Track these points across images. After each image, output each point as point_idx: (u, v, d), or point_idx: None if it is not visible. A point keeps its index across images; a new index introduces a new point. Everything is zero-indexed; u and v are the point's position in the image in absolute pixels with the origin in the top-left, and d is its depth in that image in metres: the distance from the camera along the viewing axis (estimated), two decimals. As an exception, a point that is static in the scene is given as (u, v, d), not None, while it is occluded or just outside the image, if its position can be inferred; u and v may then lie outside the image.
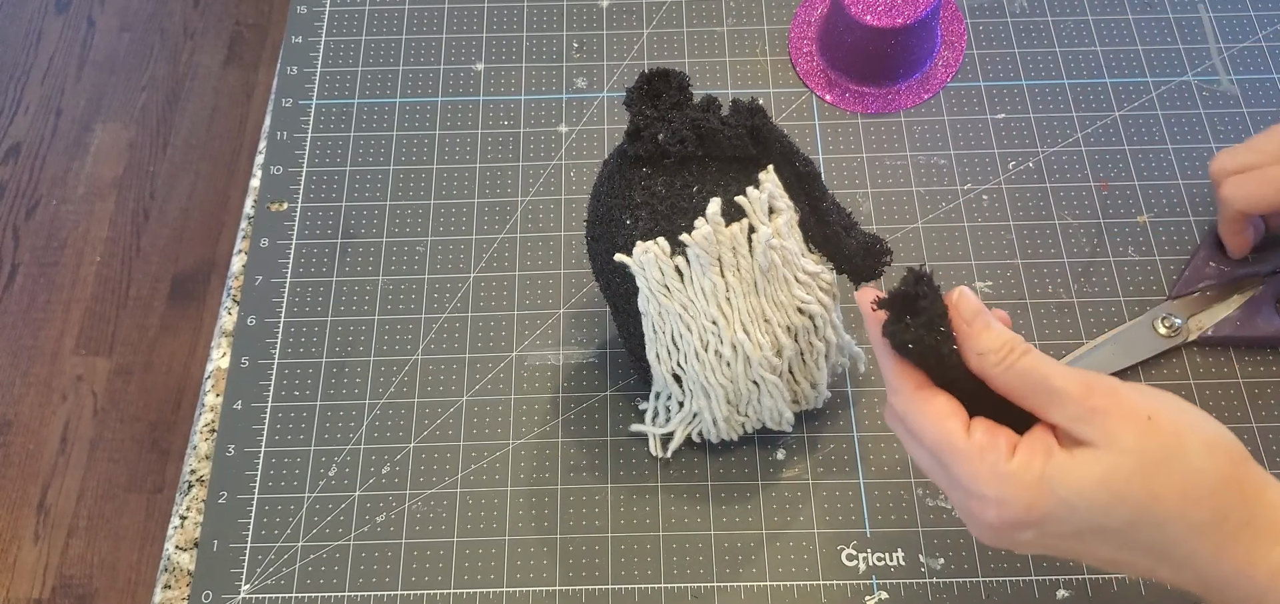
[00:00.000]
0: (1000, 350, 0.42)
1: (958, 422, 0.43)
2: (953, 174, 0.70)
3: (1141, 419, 0.40)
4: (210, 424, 0.63)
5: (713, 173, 0.53)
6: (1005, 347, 0.42)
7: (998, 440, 0.42)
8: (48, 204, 1.70)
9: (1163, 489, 0.40)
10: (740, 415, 0.57)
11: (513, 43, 0.77)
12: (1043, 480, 0.41)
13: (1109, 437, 0.40)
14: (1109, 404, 0.41)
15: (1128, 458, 0.40)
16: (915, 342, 0.43)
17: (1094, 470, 0.40)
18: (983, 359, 0.43)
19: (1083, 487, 0.40)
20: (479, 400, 0.63)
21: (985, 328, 0.43)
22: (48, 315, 1.60)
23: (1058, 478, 0.41)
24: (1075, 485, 0.40)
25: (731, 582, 0.57)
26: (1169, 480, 0.40)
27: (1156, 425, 0.41)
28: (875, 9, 0.70)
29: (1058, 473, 0.41)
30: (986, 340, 0.43)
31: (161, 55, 1.85)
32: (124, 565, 1.43)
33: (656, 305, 0.53)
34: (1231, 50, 0.74)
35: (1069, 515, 0.41)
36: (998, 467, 0.41)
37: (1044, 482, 0.41)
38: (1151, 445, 0.40)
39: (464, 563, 0.58)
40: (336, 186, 0.71)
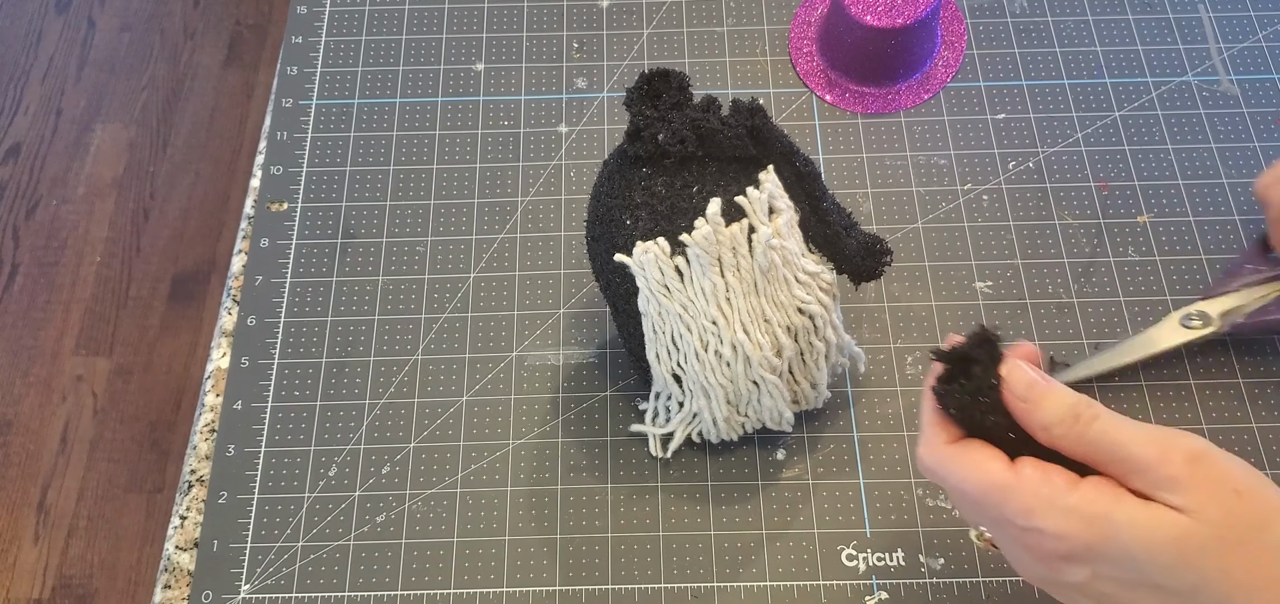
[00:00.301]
0: (1066, 420, 0.41)
1: (1000, 463, 0.42)
2: (953, 174, 0.70)
3: (1228, 492, 0.39)
4: (210, 424, 0.63)
5: (713, 173, 0.53)
6: (1070, 415, 0.41)
7: (1052, 476, 0.41)
8: (48, 204, 1.70)
9: (1236, 566, 0.38)
10: (740, 415, 0.57)
11: (513, 43, 0.77)
12: (1107, 521, 0.39)
13: (1191, 503, 0.38)
14: (1191, 473, 0.39)
15: (1206, 529, 0.38)
16: (958, 407, 0.43)
17: (1168, 530, 0.38)
18: (1049, 431, 0.41)
19: (1151, 542, 0.39)
20: (479, 400, 0.63)
21: (1044, 397, 0.41)
22: (48, 315, 1.60)
23: (1124, 524, 0.39)
24: (1143, 538, 0.39)
25: (731, 582, 0.57)
26: (1244, 559, 0.38)
27: (1243, 501, 0.39)
28: (875, 9, 0.70)
29: (1125, 519, 0.39)
30: (1049, 411, 0.41)
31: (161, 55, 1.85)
32: (124, 565, 1.43)
33: (656, 305, 0.53)
34: (1231, 50, 0.74)
35: (1128, 565, 0.39)
36: (1056, 500, 0.40)
37: (1109, 523, 0.39)
38: (1235, 521, 0.38)
39: (464, 563, 0.58)
40: (336, 186, 0.71)
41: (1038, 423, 0.41)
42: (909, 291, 0.66)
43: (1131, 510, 0.39)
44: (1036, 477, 0.41)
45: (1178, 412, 0.61)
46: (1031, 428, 0.42)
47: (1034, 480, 0.41)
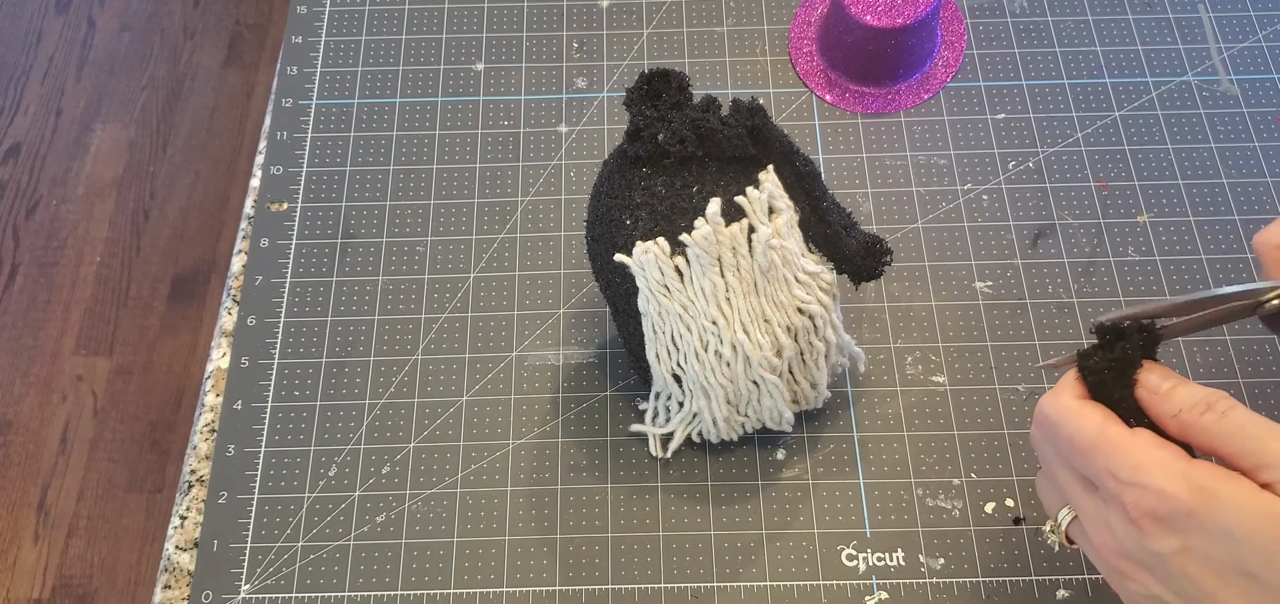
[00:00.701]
0: (1199, 405, 0.41)
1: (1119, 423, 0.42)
2: (953, 174, 0.70)
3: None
4: (210, 424, 0.63)
5: (713, 173, 0.53)
6: (1203, 403, 0.40)
7: (1168, 444, 0.40)
8: (48, 204, 1.70)
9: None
10: (740, 415, 0.57)
11: (513, 43, 0.77)
12: (1216, 493, 0.38)
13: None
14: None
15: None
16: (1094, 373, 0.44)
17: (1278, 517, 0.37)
18: (1180, 418, 0.41)
19: (1257, 525, 0.37)
20: (479, 400, 0.63)
21: (1177, 388, 0.41)
22: (48, 315, 1.60)
23: (1231, 501, 0.38)
24: (1249, 519, 0.37)
25: (731, 582, 0.57)
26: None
27: None
28: (875, 9, 0.70)
29: (1233, 497, 0.38)
30: (1182, 399, 0.41)
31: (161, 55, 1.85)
32: (124, 565, 1.43)
33: (656, 305, 0.53)
34: (1231, 50, 0.74)
35: (1225, 543, 0.38)
36: (1168, 463, 0.39)
37: (1216, 496, 0.38)
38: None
39: (464, 563, 0.58)
40: (336, 186, 0.71)
41: (1168, 411, 0.41)
42: (909, 291, 0.66)
43: (1245, 490, 0.38)
44: (1152, 440, 0.41)
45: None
46: (1161, 417, 0.42)
47: (1149, 441, 0.40)
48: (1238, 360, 0.63)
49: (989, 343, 0.64)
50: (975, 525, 0.58)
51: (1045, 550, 0.57)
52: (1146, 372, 0.43)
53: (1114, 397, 0.43)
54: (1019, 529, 0.58)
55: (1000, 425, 0.61)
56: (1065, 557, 0.57)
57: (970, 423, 0.61)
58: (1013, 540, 0.58)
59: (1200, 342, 0.63)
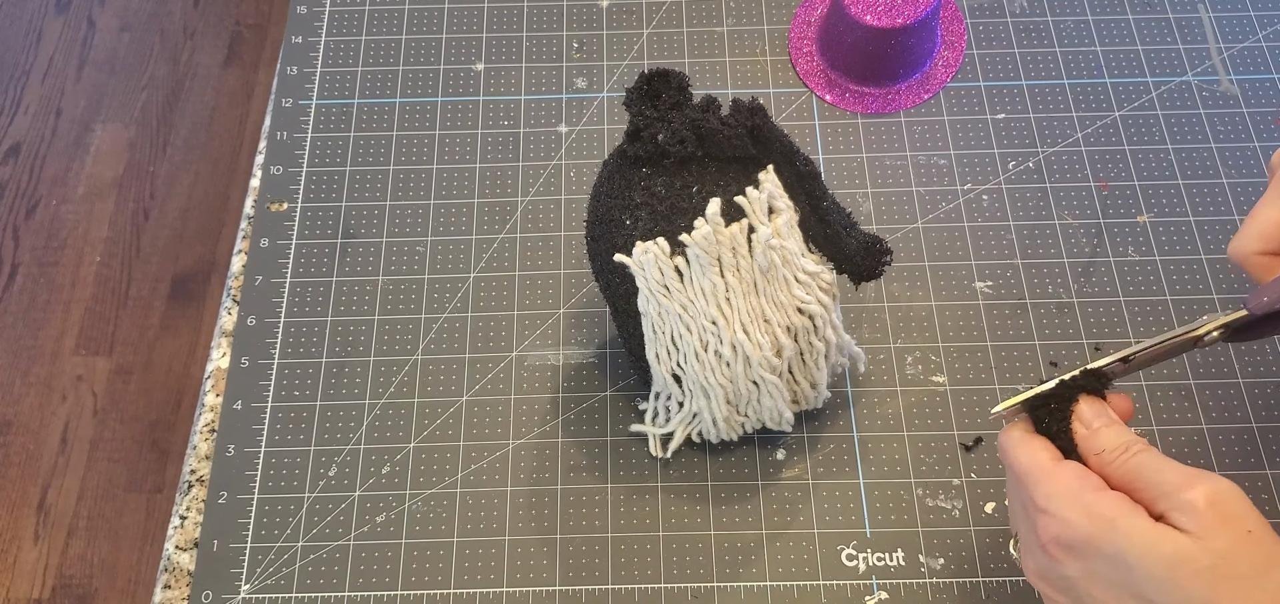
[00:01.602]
0: (1116, 448, 0.44)
1: (1050, 454, 0.45)
2: (953, 174, 0.70)
3: (1242, 530, 0.40)
4: (210, 424, 0.63)
5: (712, 173, 0.53)
6: (1121, 445, 0.44)
7: (1085, 477, 0.43)
8: (48, 204, 1.70)
9: (1224, 598, 0.39)
10: (740, 415, 0.57)
11: (513, 43, 0.77)
12: (1112, 524, 0.41)
13: (1200, 528, 0.40)
14: (1208, 504, 0.40)
15: (1206, 556, 0.40)
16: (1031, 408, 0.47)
17: (1167, 547, 0.40)
18: (1100, 457, 0.44)
19: (1146, 554, 0.40)
20: (479, 400, 0.63)
21: (1105, 429, 0.45)
22: (48, 315, 1.60)
23: (1127, 532, 0.41)
24: (1140, 549, 0.41)
25: (731, 582, 0.57)
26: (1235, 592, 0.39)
27: (1252, 541, 0.40)
28: (875, 9, 0.70)
29: (1129, 528, 0.41)
30: (1105, 437, 0.45)
31: (161, 55, 1.85)
32: (124, 565, 1.43)
33: (656, 306, 0.53)
34: (1231, 50, 0.74)
35: (1120, 571, 0.41)
36: (1076, 494, 0.43)
37: (1113, 526, 0.41)
38: (1239, 556, 0.40)
39: (464, 563, 0.58)
40: (336, 186, 0.71)
41: (1092, 449, 0.45)
42: (909, 292, 0.66)
43: (1137, 521, 0.41)
44: (1071, 473, 0.44)
45: (1178, 411, 0.61)
46: (1086, 454, 0.45)
47: (1067, 475, 0.44)
48: (1237, 361, 0.63)
49: (989, 343, 0.64)
50: (975, 525, 0.58)
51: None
52: (1080, 407, 0.46)
53: (1052, 431, 0.47)
54: (1019, 529, 0.58)
55: (1000, 425, 0.61)
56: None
57: (970, 423, 0.61)
58: (1013, 540, 0.58)
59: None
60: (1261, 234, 0.49)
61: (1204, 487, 0.41)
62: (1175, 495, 0.41)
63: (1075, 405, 0.46)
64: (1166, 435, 0.61)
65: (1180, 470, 0.42)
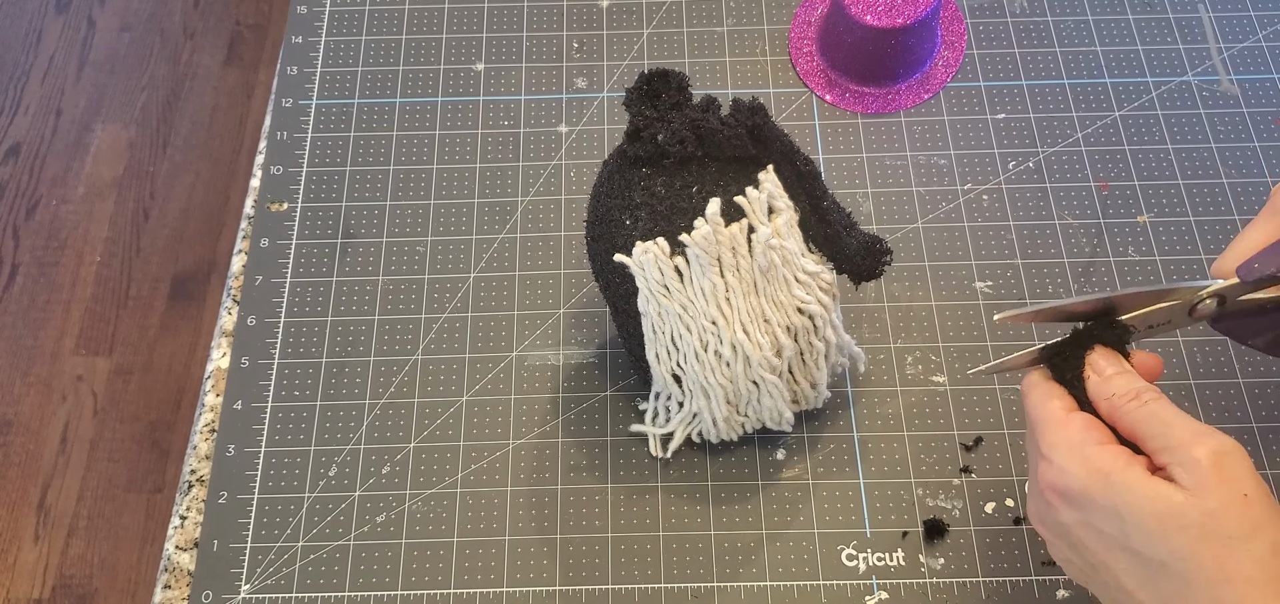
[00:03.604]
0: (1127, 394, 0.45)
1: (1061, 403, 0.46)
2: (953, 174, 0.70)
3: (1237, 492, 0.41)
4: (210, 424, 0.63)
5: (712, 173, 0.53)
6: (1133, 390, 0.45)
7: (1090, 428, 0.44)
8: (48, 204, 1.70)
9: (1209, 557, 0.40)
10: (740, 415, 0.57)
11: (513, 43, 0.77)
12: (1107, 477, 0.42)
13: (1196, 484, 0.41)
14: (1210, 462, 0.41)
15: (1196, 513, 0.40)
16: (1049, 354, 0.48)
17: (1158, 502, 0.41)
18: (1111, 401, 0.45)
19: (1139, 507, 0.41)
20: (479, 400, 0.63)
21: (1118, 375, 0.45)
22: (48, 315, 1.60)
23: (1122, 484, 0.42)
24: (1133, 501, 0.41)
25: (731, 582, 0.57)
26: (1219, 553, 0.40)
27: (1247, 505, 0.40)
28: (875, 9, 0.70)
29: (1125, 480, 0.42)
30: (1117, 384, 0.45)
31: (161, 55, 1.85)
32: (124, 565, 1.43)
33: (656, 306, 0.53)
34: (1231, 50, 0.74)
35: (1112, 522, 0.42)
36: (1077, 445, 0.44)
37: (1108, 479, 0.42)
38: (1230, 516, 0.40)
39: (464, 563, 0.58)
40: (336, 186, 0.71)
41: (1103, 394, 0.45)
42: (909, 291, 0.66)
43: (1133, 476, 0.42)
44: (1078, 423, 0.45)
45: (1178, 412, 0.61)
46: (1097, 400, 0.46)
47: (1074, 424, 0.45)
48: (1237, 361, 0.63)
49: (989, 343, 0.64)
50: (975, 525, 0.58)
51: (1045, 550, 0.57)
52: (1095, 355, 0.47)
53: (1068, 379, 0.47)
54: (1019, 529, 0.58)
55: (1000, 425, 0.61)
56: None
57: (970, 423, 0.61)
58: (1013, 540, 0.58)
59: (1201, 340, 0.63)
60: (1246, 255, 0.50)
61: (1209, 444, 0.41)
62: (1180, 450, 0.41)
63: (1090, 353, 0.47)
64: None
65: (1189, 424, 0.42)
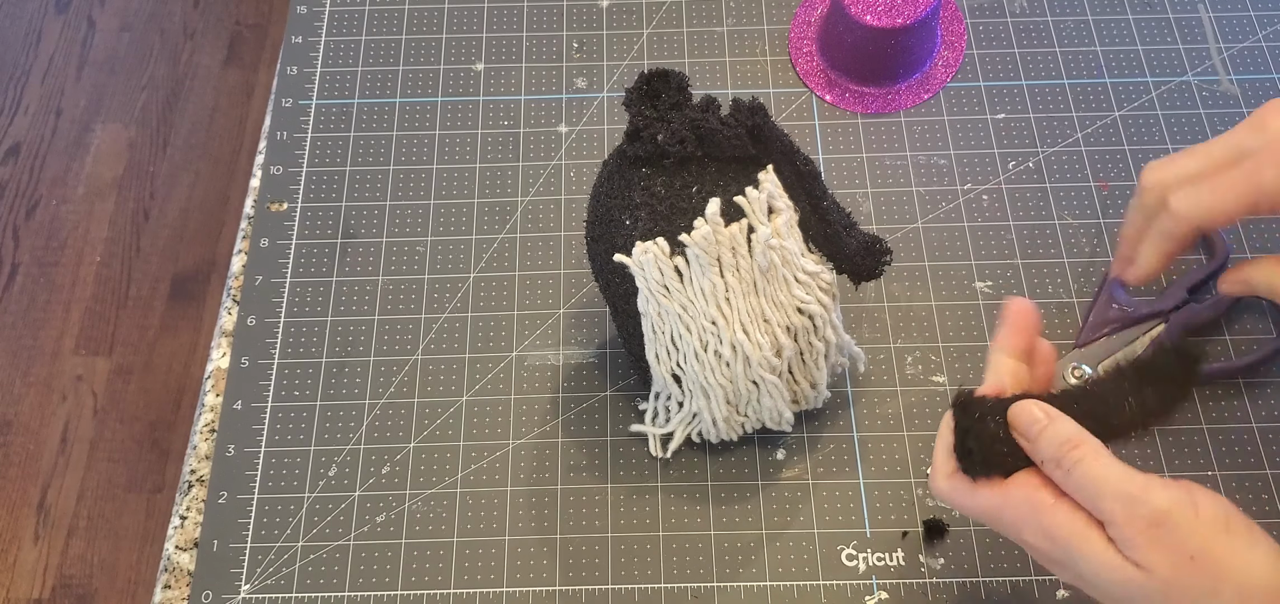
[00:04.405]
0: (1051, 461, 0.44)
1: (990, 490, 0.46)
2: (953, 174, 0.70)
3: (1183, 558, 0.42)
4: (210, 424, 0.63)
5: (712, 173, 0.53)
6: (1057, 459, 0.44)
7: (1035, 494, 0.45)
8: (48, 204, 1.70)
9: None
10: (740, 415, 0.57)
11: (513, 43, 0.77)
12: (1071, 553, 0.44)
13: (1144, 560, 0.42)
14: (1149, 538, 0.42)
15: (1157, 583, 0.42)
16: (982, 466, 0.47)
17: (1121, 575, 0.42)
18: (1045, 467, 0.45)
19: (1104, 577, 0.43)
20: (479, 400, 0.63)
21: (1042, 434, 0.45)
22: (48, 315, 1.60)
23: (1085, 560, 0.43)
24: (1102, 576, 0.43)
25: (731, 582, 0.57)
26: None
27: (1196, 565, 0.42)
28: (875, 9, 0.70)
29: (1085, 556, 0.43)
30: (1045, 447, 0.45)
31: (161, 55, 1.85)
32: (124, 565, 1.43)
33: (656, 306, 0.53)
34: (1231, 50, 0.74)
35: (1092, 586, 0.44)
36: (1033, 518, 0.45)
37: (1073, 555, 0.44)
38: (1186, 581, 0.41)
39: (464, 563, 0.58)
40: (336, 186, 0.71)
41: (1038, 458, 0.45)
42: (909, 292, 0.66)
43: (1091, 545, 0.43)
44: (1020, 496, 0.45)
45: (1177, 412, 0.61)
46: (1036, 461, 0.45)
47: (1017, 499, 0.45)
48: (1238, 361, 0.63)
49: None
50: (975, 525, 0.58)
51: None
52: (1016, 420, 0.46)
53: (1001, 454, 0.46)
54: (1019, 529, 0.58)
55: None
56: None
57: (970, 423, 0.61)
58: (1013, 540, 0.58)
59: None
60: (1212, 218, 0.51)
61: (1141, 516, 0.42)
62: (1116, 527, 0.42)
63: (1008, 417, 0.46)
64: (1166, 435, 0.60)
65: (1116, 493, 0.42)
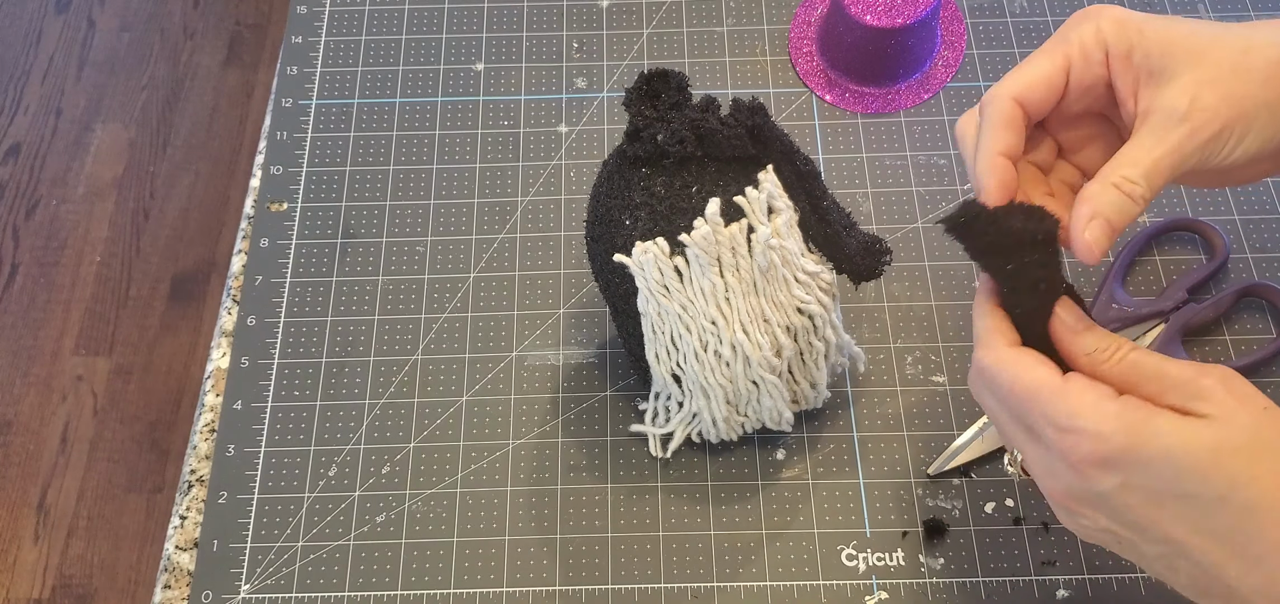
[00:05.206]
0: (1108, 348, 0.43)
1: (1051, 368, 0.43)
2: (953, 174, 0.70)
3: (1258, 407, 0.40)
4: (210, 424, 0.63)
5: (712, 173, 0.53)
6: (1114, 344, 0.43)
7: (1097, 384, 0.42)
8: (48, 204, 1.70)
9: (1265, 473, 0.39)
10: (740, 415, 0.57)
11: (513, 43, 0.77)
12: (1146, 425, 0.40)
13: (1225, 411, 0.40)
14: (1224, 388, 0.40)
15: (1239, 434, 0.39)
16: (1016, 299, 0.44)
17: (1204, 435, 0.40)
18: (1091, 356, 0.43)
19: (1188, 445, 0.40)
20: (479, 400, 0.63)
21: (1089, 329, 0.43)
22: (48, 315, 1.60)
23: (1164, 429, 0.40)
24: (1180, 442, 0.40)
25: (731, 582, 0.57)
26: (1274, 466, 0.39)
27: (1271, 414, 0.40)
28: (875, 9, 0.70)
29: (1165, 424, 0.40)
30: (1089, 340, 0.43)
31: (161, 55, 1.85)
32: (124, 565, 1.43)
33: (656, 306, 0.53)
34: (1231, 50, 0.74)
35: (1164, 469, 0.40)
36: (1100, 403, 0.41)
37: (1148, 427, 0.40)
38: (1266, 431, 0.40)
39: (464, 563, 0.58)
40: (336, 186, 0.71)
41: (1081, 349, 0.43)
42: (909, 292, 0.66)
43: (1170, 417, 0.40)
44: (1083, 383, 0.42)
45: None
46: (1074, 354, 0.43)
47: (1081, 385, 0.42)
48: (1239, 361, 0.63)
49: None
50: (975, 525, 0.58)
51: (1045, 550, 0.57)
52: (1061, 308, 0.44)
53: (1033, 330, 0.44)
54: (1019, 529, 0.58)
55: (1000, 425, 0.61)
56: (1064, 557, 0.57)
57: (970, 423, 0.61)
58: (1012, 540, 0.58)
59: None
60: (1030, 83, 0.46)
61: (1214, 373, 0.41)
62: (1187, 386, 0.40)
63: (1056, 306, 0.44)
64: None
65: (1180, 364, 0.41)
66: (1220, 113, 0.43)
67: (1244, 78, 0.43)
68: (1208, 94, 0.43)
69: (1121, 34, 0.45)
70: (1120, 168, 0.44)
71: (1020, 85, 0.46)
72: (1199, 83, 0.43)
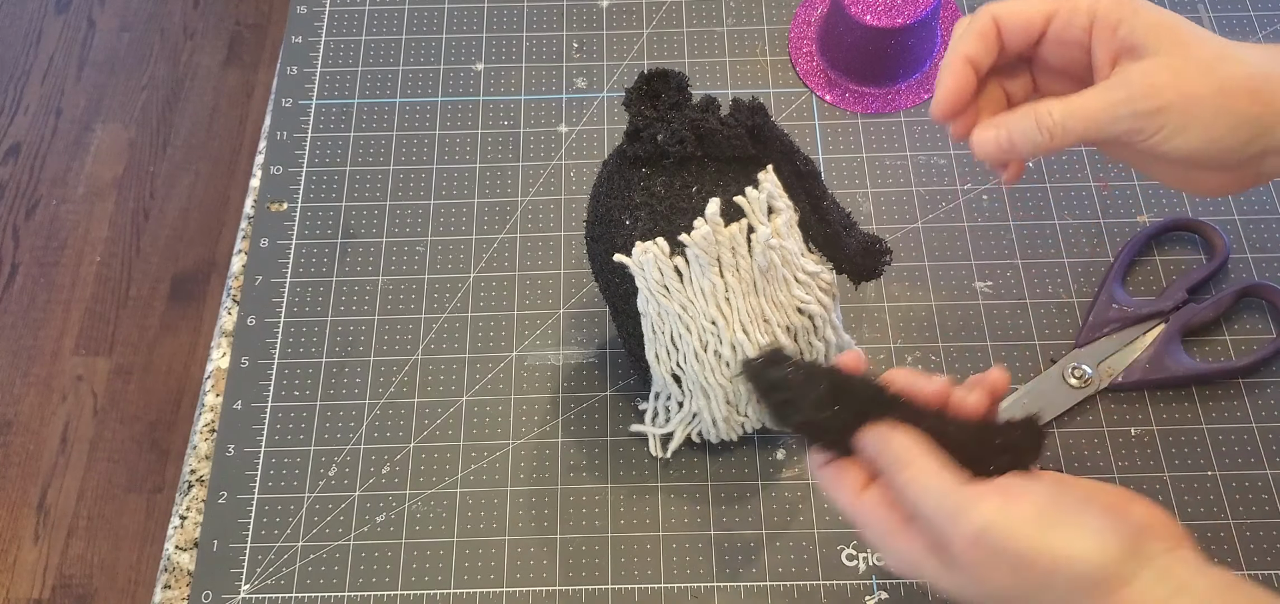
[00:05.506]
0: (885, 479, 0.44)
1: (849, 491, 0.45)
2: (953, 174, 0.70)
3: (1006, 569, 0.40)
4: (210, 424, 0.63)
5: (712, 173, 0.53)
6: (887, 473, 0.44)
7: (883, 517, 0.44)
8: (48, 204, 1.70)
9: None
10: (740, 415, 0.57)
11: (513, 43, 0.77)
12: (921, 574, 0.43)
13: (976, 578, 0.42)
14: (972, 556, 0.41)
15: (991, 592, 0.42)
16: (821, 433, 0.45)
17: (965, 590, 0.42)
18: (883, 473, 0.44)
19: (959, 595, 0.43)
20: (479, 400, 0.63)
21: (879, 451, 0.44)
22: (48, 315, 1.60)
23: (933, 579, 0.43)
24: (952, 591, 0.43)
25: (731, 582, 0.57)
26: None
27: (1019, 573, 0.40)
28: (875, 9, 0.70)
29: (933, 576, 0.43)
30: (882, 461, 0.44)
31: (161, 55, 1.85)
32: (124, 565, 1.43)
33: (656, 306, 0.53)
34: (1231, 50, 0.74)
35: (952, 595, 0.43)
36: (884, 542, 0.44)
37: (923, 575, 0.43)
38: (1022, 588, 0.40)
39: (464, 563, 0.58)
40: (336, 186, 0.71)
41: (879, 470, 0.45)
42: (909, 292, 0.66)
43: (935, 572, 0.43)
44: (872, 514, 0.44)
45: (1177, 412, 0.61)
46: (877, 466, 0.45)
47: (869, 514, 0.44)
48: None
49: (989, 343, 0.64)
50: (975, 525, 0.58)
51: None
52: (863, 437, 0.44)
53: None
54: (1019, 529, 0.58)
55: (1000, 425, 0.61)
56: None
57: (970, 423, 0.61)
58: (1012, 540, 0.58)
59: (1200, 341, 0.63)
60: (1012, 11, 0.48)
61: (963, 540, 0.40)
62: (946, 549, 0.41)
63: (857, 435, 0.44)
64: (1166, 435, 0.60)
65: (937, 506, 0.41)
66: (1165, 94, 0.44)
67: (1205, 77, 0.45)
68: (1162, 75, 0.45)
69: (1115, 6, 0.46)
70: (1047, 102, 0.46)
71: (1004, 9, 0.48)
72: (1162, 66, 0.45)
